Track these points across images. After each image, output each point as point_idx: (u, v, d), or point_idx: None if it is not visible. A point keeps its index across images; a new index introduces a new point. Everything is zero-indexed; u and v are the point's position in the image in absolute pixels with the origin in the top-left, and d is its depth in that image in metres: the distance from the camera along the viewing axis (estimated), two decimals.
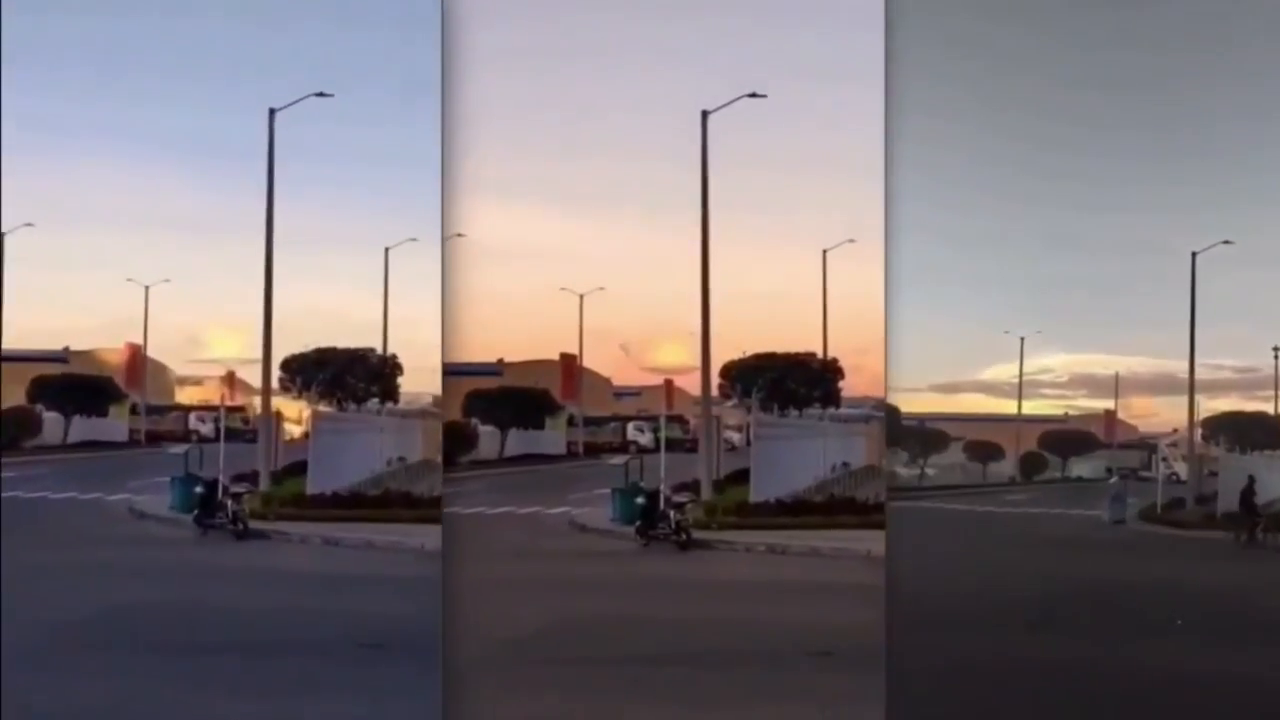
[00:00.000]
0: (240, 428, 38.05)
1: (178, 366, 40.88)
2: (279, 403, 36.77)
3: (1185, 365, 38.30)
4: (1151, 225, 35.93)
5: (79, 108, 34.36)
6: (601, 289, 35.84)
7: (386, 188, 33.13)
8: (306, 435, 37.13)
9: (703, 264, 34.99)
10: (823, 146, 32.34)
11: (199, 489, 35.77)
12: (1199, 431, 40.32)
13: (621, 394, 41.72)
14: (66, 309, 35.12)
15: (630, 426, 41.12)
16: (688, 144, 33.77)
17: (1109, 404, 41.85)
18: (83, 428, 39.64)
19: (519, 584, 30.49)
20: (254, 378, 37.49)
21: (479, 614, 28.58)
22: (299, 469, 36.50)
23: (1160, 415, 42.26)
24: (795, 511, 35.57)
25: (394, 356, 36.11)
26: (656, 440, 37.71)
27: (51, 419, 38.83)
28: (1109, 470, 43.31)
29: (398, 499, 34.38)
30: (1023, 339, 37.41)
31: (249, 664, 27.38)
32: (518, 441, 39.34)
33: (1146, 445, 43.80)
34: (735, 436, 38.91)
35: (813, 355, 37.28)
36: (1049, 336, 37.63)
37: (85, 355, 39.06)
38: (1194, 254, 36.36)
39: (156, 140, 35.26)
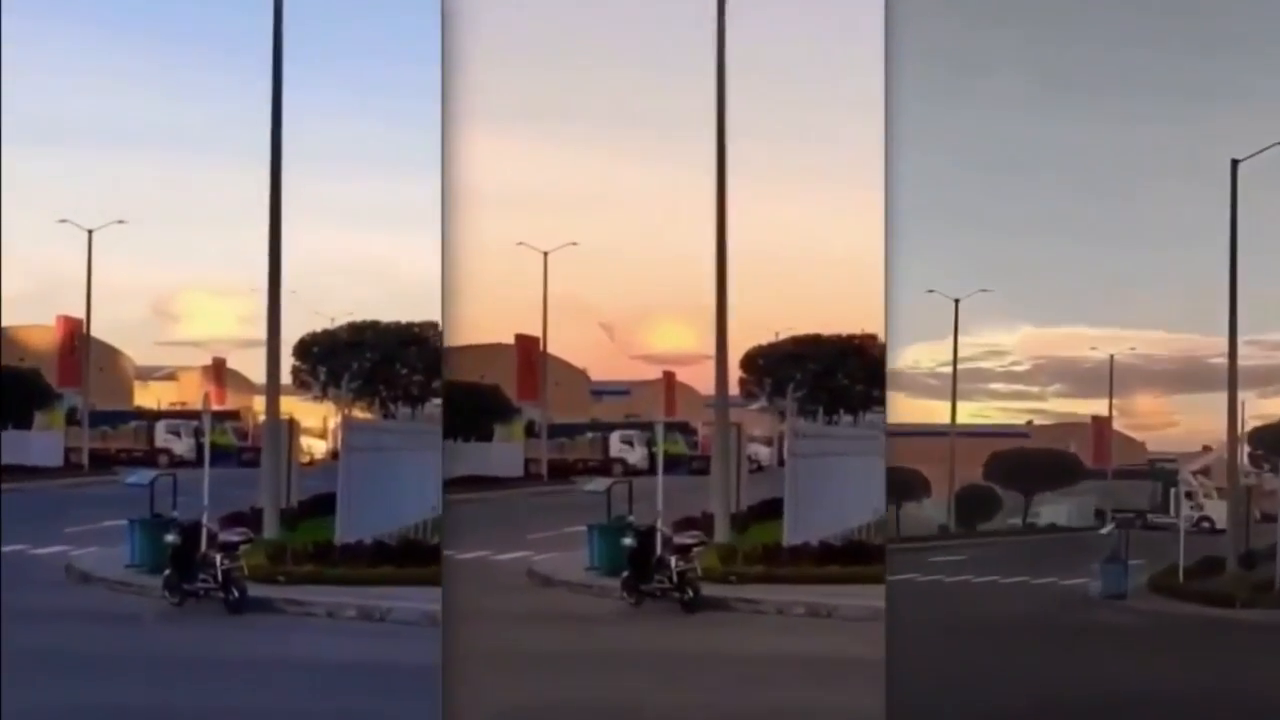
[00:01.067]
0: (234, 445, 34.61)
1: (139, 352, 36.46)
2: (293, 406, 32.89)
3: (1221, 344, 30.87)
4: (1175, 137, 30.53)
5: None
6: (573, 244, 31.66)
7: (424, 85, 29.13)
8: (335, 455, 32.99)
9: (718, 210, 30.46)
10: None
11: (171, 537, 30.60)
12: (1244, 450, 33.04)
13: (602, 392, 37.24)
14: None
15: (614, 438, 36.46)
16: (698, 52, 30.18)
17: (1099, 407, 35.26)
18: None
19: (461, 659, 27.31)
20: (255, 368, 33.18)
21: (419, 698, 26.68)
22: (324, 506, 31.85)
23: (1181, 423, 35.30)
24: (847, 558, 30.91)
25: None
26: (651, 457, 33.27)
27: None
28: (1100, 514, 36.53)
29: None
30: (957, 302, 31.50)
31: None
32: (456, 458, 32.38)
33: (1159, 472, 36.63)
34: (763, 452, 34.69)
35: (872, 338, 31.55)
36: (1003, 301, 31.57)
37: None
38: (1234, 163, 29.62)
39: (106, 26, 32.02)
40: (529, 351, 34.70)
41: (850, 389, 32.90)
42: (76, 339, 35.12)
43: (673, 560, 30.51)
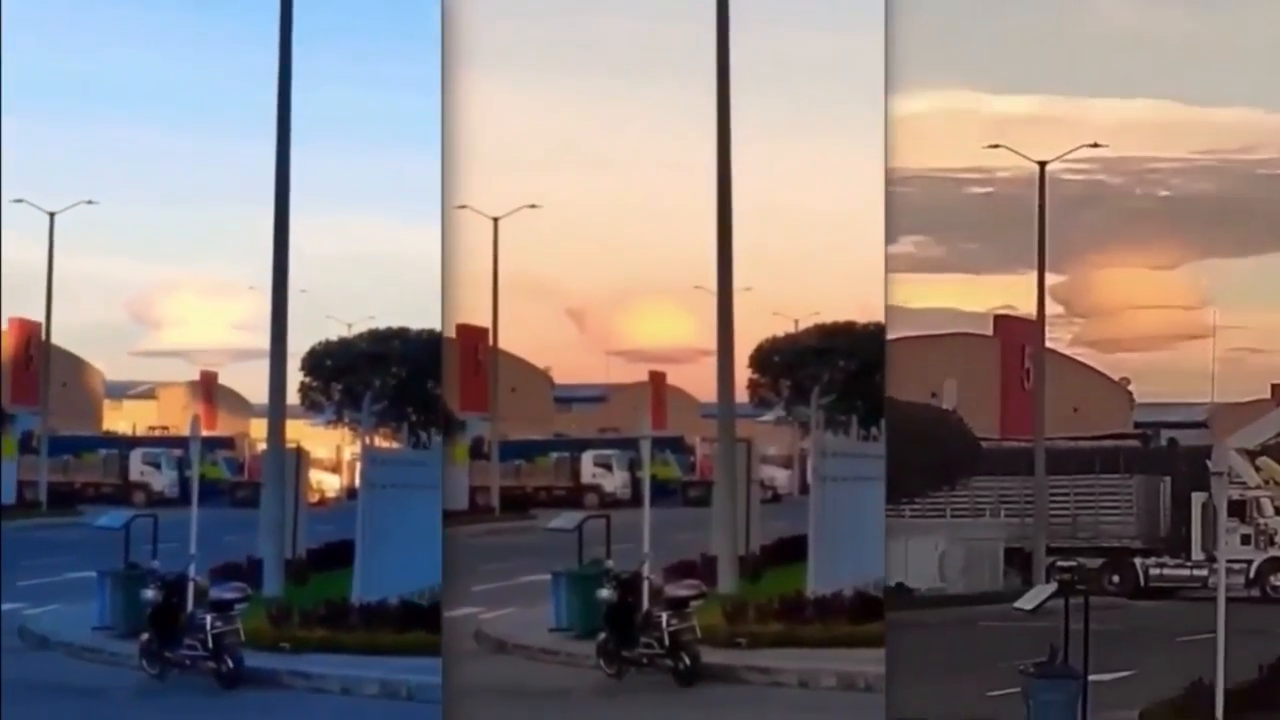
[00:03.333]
0: (227, 479, 33.37)
1: (110, 364, 35.20)
2: (300, 432, 31.03)
3: None
4: None
5: None
6: (532, 207, 28.63)
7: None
8: (352, 494, 30.69)
9: (719, 164, 27.04)
10: None
11: (150, 594, 27.47)
12: None
13: (571, 398, 35.22)
14: None
15: (587, 458, 34.17)
16: None
17: (1009, 289, 28.82)
18: None
19: None
20: (252, 384, 32.35)
21: None
22: (339, 557, 29.38)
23: (1221, 329, 26.23)
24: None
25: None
26: (635, 483, 30.75)
27: None
28: (1017, 561, 27.36)
29: None
30: None
31: None
32: None
33: (1165, 453, 28.00)
34: (780, 477, 32.29)
35: None
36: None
37: None
38: None
39: None
40: (474, 346, 31.57)
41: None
42: (32, 347, 33.72)
43: (664, 618, 26.07)
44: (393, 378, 30.23)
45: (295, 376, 30.35)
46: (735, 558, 28.75)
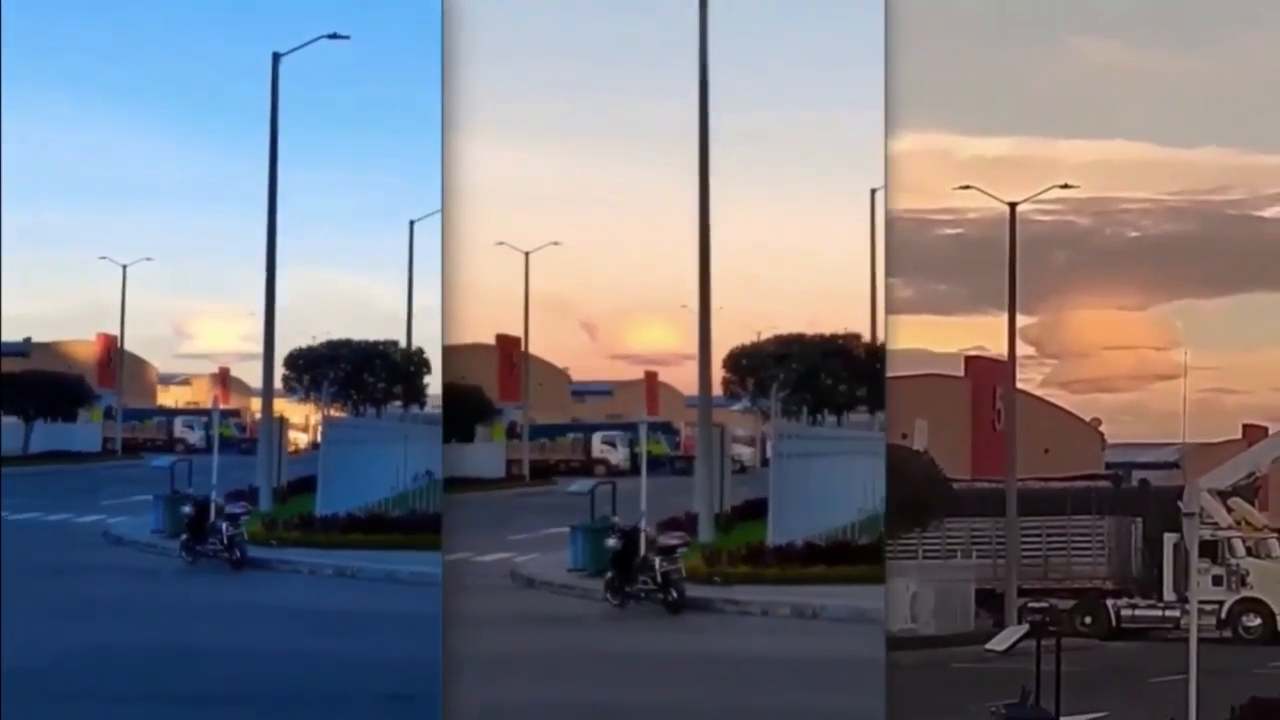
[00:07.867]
0: (236, 436, 35.14)
1: (161, 362, 37.67)
2: (283, 406, 33.60)
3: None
4: None
5: (46, 54, 30.75)
6: (555, 244, 29.23)
7: (399, 150, 29.57)
8: (316, 445, 33.66)
9: (701, 208, 27.58)
10: (856, 46, 24.76)
11: (187, 509, 32.16)
12: None
13: (584, 392, 35.89)
14: (28, 292, 30.14)
15: (597, 438, 35.42)
16: (682, 55, 27.49)
17: (982, 331, 23.62)
18: (47, 435, 35.26)
19: (447, 660, 25.76)
20: (253, 376, 34.43)
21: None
22: (307, 486, 33.12)
23: (1198, 370, 20.12)
24: (833, 558, 28.54)
25: (420, 351, 32.32)
26: (634, 458, 32.15)
27: (10, 424, 33.85)
28: (989, 602, 23.59)
29: (426, 522, 29.15)
30: None
31: (248, 717, 24.70)
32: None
33: (1138, 494, 23.59)
34: (746, 453, 32.92)
35: (857, 338, 29.63)
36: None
37: (50, 348, 35.17)
38: None
39: (140, 94, 32.11)
40: (510, 352, 32.83)
41: (834, 389, 30.30)
42: (112, 351, 35.63)
43: (657, 561, 28.64)
44: (341, 372, 33.46)
45: (280, 371, 33.14)
46: (712, 515, 30.21)
